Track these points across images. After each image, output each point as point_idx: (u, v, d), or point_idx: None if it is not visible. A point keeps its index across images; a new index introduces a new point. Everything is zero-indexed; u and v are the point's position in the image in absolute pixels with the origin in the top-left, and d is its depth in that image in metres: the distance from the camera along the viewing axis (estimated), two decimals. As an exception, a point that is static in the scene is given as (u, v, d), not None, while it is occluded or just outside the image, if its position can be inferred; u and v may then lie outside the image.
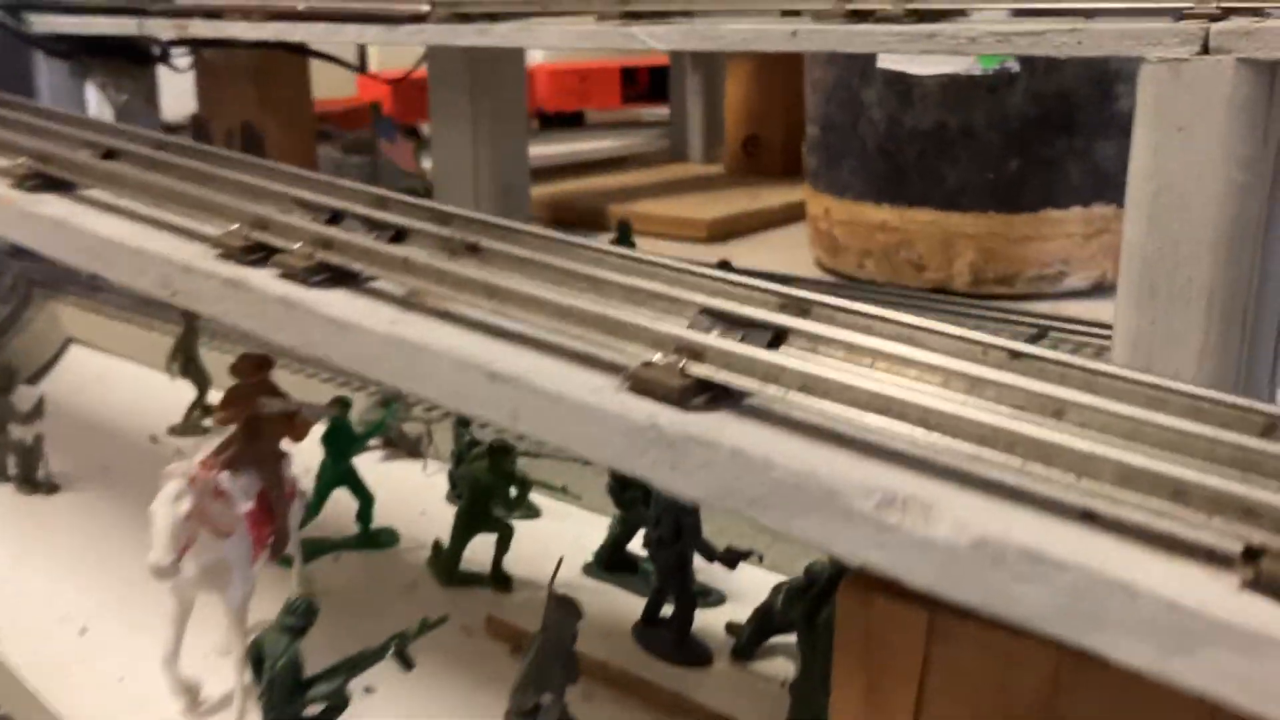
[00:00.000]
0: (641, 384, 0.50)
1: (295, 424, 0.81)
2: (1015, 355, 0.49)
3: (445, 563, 0.92)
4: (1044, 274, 1.80)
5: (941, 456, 0.43)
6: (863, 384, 0.45)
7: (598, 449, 0.50)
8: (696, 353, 0.50)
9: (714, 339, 0.50)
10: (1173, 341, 0.87)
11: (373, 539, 0.98)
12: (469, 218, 0.68)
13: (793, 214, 2.28)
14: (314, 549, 0.95)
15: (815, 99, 1.96)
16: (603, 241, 0.64)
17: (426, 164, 1.87)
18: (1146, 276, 0.87)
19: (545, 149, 3.02)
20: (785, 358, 0.48)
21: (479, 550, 0.93)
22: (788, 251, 2.14)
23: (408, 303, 0.60)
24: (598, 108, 3.59)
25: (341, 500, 1.00)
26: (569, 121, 3.56)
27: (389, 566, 0.97)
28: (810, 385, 0.46)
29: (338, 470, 0.96)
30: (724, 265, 1.52)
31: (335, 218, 0.68)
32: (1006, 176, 1.77)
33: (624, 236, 1.65)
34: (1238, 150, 0.83)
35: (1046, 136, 1.76)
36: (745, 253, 2.20)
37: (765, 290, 0.57)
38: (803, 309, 0.56)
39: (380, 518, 1.00)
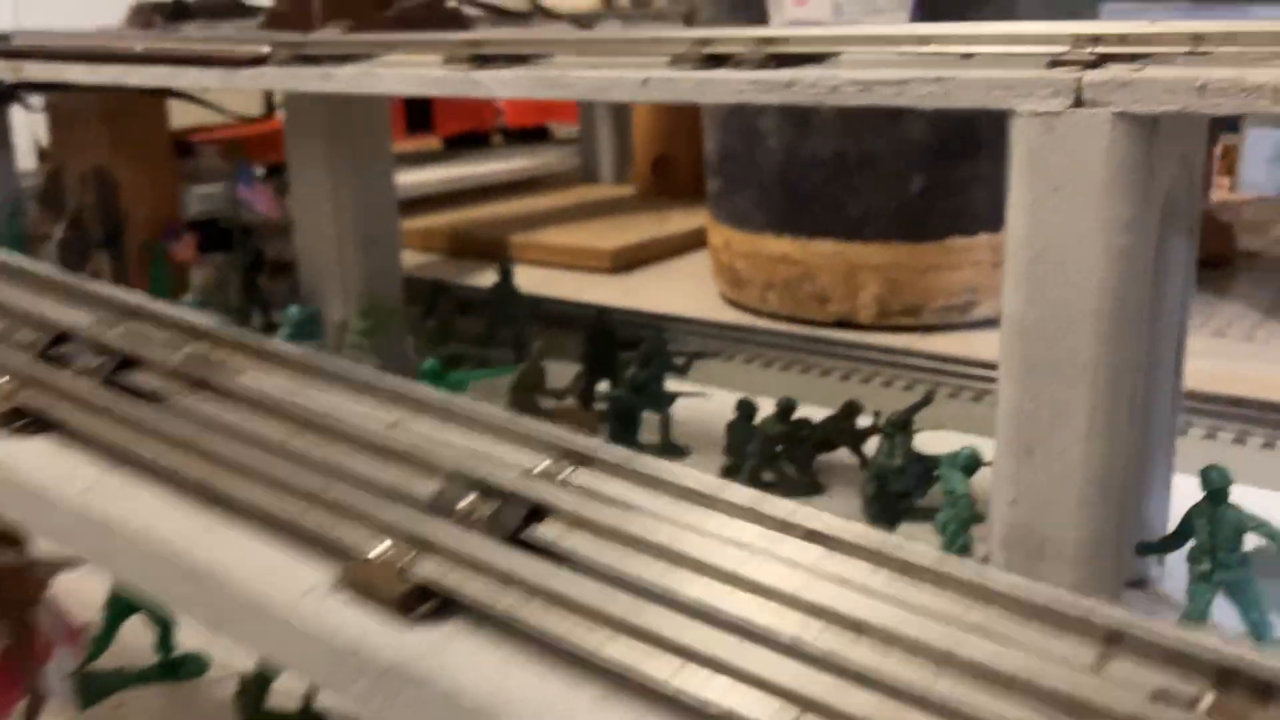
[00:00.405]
0: (359, 586, 0.40)
1: (26, 579, 0.70)
2: (814, 536, 0.40)
3: (251, 701, 0.82)
4: (952, 304, 1.73)
5: (697, 702, 0.34)
6: (610, 606, 0.36)
7: (305, 667, 0.40)
8: (427, 545, 0.40)
9: (448, 529, 0.41)
10: (1057, 421, 0.78)
11: (173, 669, 0.87)
12: (220, 337, 0.58)
13: (701, 240, 2.19)
14: (99, 688, 0.83)
15: (711, 126, 1.88)
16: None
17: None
18: (1027, 350, 0.79)
19: (458, 171, 2.91)
20: (526, 560, 0.38)
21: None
22: (692, 282, 2.05)
23: (120, 455, 0.50)
24: (562, 121, 3.45)
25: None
26: (533, 137, 3.42)
27: (189, 704, 0.85)
28: (552, 598, 0.37)
29: (127, 595, 0.85)
30: (601, 316, 1.43)
31: (61, 339, 0.58)
32: (910, 204, 1.70)
33: (505, 280, 1.55)
34: (1118, 212, 0.75)
35: (951, 161, 1.68)
36: (649, 284, 2.11)
37: (542, 440, 0.47)
38: (583, 459, 0.46)
39: (191, 637, 0.88)
